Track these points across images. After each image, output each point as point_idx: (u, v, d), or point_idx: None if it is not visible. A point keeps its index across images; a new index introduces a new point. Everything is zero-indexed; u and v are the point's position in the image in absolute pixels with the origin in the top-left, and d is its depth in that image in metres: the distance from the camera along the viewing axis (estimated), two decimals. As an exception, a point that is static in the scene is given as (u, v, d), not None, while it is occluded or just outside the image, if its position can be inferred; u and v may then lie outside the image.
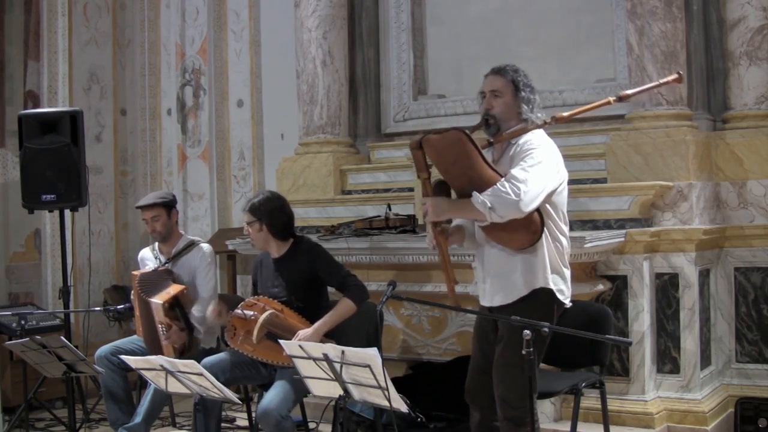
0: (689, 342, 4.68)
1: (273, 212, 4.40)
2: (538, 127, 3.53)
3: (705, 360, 4.80)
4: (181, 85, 7.41)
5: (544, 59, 5.59)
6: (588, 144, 5.22)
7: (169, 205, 4.92)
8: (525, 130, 3.50)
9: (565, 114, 3.59)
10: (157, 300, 4.59)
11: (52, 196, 5.30)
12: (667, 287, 4.73)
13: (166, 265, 4.87)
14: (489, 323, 3.64)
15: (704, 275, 4.83)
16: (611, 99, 3.62)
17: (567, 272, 3.58)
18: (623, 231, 4.64)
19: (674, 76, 3.80)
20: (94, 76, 7.18)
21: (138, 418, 4.53)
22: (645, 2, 4.78)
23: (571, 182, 4.97)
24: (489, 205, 3.31)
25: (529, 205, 3.31)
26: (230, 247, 5.72)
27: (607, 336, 3.80)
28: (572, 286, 4.51)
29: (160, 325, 4.61)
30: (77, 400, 5.17)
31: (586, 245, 4.34)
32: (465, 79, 5.76)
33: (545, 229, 3.42)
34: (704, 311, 4.82)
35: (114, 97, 7.35)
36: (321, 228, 5.53)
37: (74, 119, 5.33)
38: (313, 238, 5.08)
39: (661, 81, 3.88)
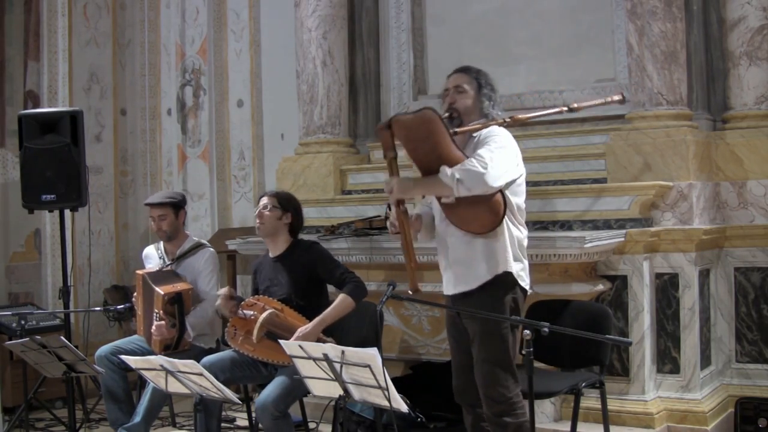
0: (689, 342, 4.68)
1: (298, 209, 4.53)
2: (498, 124, 3.60)
3: (705, 360, 4.80)
4: (181, 85, 7.41)
5: (544, 59, 5.59)
6: (588, 144, 5.22)
7: (177, 206, 4.93)
8: (486, 125, 3.57)
9: (523, 116, 3.69)
10: (160, 290, 4.59)
11: (52, 196, 5.30)
12: (667, 287, 4.73)
13: (170, 265, 4.88)
14: (458, 319, 3.66)
15: (704, 275, 4.83)
16: (564, 108, 3.76)
17: (527, 263, 3.63)
18: (623, 231, 4.63)
19: (618, 96, 3.90)
20: (94, 76, 7.18)
21: (138, 418, 4.54)
22: (645, 2, 4.78)
23: (571, 182, 5.05)
24: (457, 176, 3.34)
25: (496, 180, 3.37)
26: (230, 247, 5.71)
27: (607, 336, 3.80)
28: (572, 285, 4.58)
29: (155, 314, 4.62)
30: (77, 400, 5.16)
31: (586, 245, 4.34)
32: (465, 79, 5.74)
33: (506, 216, 3.46)
34: (704, 311, 4.81)
35: (114, 97, 7.35)
36: (321, 228, 5.53)
37: (74, 119, 5.33)
38: (313, 237, 5.09)
39: (606, 99, 3.91)
